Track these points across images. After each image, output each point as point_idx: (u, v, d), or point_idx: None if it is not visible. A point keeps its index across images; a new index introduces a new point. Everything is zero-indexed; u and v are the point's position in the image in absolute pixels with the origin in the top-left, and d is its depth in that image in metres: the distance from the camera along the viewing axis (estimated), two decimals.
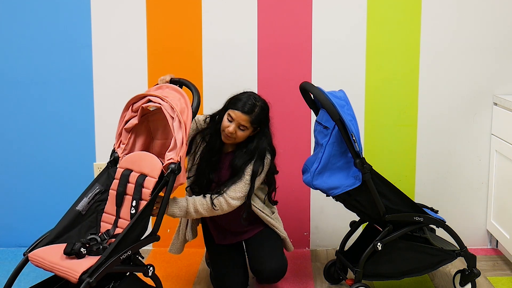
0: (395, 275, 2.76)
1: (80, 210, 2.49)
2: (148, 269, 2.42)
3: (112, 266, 2.25)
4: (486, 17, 3.24)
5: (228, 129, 2.66)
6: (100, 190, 2.55)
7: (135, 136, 2.63)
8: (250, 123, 2.66)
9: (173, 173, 2.41)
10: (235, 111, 2.65)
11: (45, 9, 3.27)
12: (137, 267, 2.40)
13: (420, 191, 3.37)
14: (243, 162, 2.69)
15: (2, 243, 3.44)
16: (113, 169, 2.59)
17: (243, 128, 2.67)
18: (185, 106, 2.50)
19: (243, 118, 2.64)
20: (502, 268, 3.17)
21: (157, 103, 2.51)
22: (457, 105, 3.31)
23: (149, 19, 3.28)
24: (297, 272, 3.13)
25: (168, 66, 3.30)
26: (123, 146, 2.61)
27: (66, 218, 2.47)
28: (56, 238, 2.42)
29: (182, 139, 2.42)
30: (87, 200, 2.51)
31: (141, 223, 2.38)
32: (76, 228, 2.47)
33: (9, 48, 3.31)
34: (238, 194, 2.67)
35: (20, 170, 3.40)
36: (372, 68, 3.29)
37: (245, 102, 2.66)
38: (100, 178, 2.59)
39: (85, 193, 2.53)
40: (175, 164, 2.41)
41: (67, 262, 2.25)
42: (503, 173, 3.18)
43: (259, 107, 2.68)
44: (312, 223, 3.42)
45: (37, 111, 3.35)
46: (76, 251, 2.27)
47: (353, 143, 2.58)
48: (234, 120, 2.65)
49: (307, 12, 3.26)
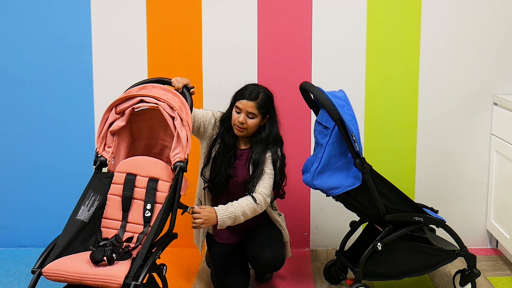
0: (395, 275, 2.76)
1: (83, 219, 2.44)
2: (163, 268, 2.45)
3: (151, 267, 2.27)
4: (486, 17, 3.24)
5: (238, 119, 2.73)
6: (95, 197, 2.50)
7: (119, 138, 2.61)
8: (257, 109, 2.73)
9: (181, 171, 2.43)
10: (241, 101, 2.74)
11: (45, 9, 3.27)
12: (154, 267, 2.40)
13: (420, 191, 3.37)
14: (261, 151, 2.75)
15: (2, 243, 3.44)
16: (103, 174, 2.56)
17: (251, 116, 2.74)
18: (181, 104, 2.51)
19: (249, 105, 2.72)
20: (502, 268, 3.17)
21: (152, 103, 2.50)
22: (457, 105, 3.31)
23: (149, 19, 3.28)
24: (297, 272, 3.13)
25: (168, 66, 3.30)
26: (110, 150, 2.57)
27: (69, 229, 2.39)
28: (64, 250, 2.34)
29: (186, 137, 2.44)
30: (86, 208, 2.46)
31: (161, 225, 2.39)
32: (79, 238, 2.41)
33: (9, 48, 3.31)
34: (269, 190, 2.73)
35: (20, 170, 3.40)
36: (372, 68, 3.29)
37: (249, 91, 2.76)
38: (92, 185, 2.53)
39: (81, 201, 2.47)
40: (183, 162, 2.43)
41: (100, 270, 2.20)
42: (503, 173, 3.18)
43: (263, 93, 2.77)
44: (312, 223, 3.42)
45: (37, 111, 3.35)
46: (109, 257, 2.22)
47: (353, 143, 2.58)
48: (242, 110, 2.73)
49: (307, 12, 3.26)
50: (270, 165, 2.75)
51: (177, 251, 3.38)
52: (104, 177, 2.56)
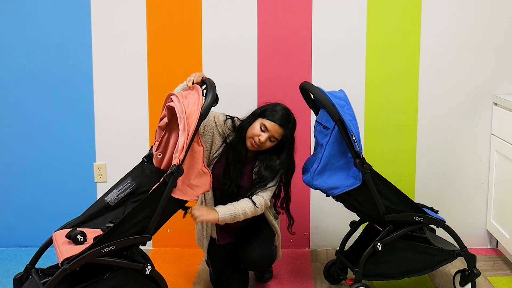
0: (395, 275, 2.76)
1: (109, 201, 2.55)
2: (145, 267, 2.41)
3: (92, 257, 2.29)
4: (486, 17, 3.24)
5: (260, 138, 2.67)
6: (131, 184, 2.58)
7: (169, 133, 2.62)
8: (282, 136, 2.69)
9: (172, 174, 2.40)
10: (271, 123, 2.67)
11: (45, 9, 3.27)
12: (132, 263, 2.40)
13: (420, 191, 3.37)
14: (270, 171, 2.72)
15: (2, 243, 3.44)
16: (148, 165, 2.63)
17: (273, 140, 2.70)
18: (196, 109, 2.45)
19: (279, 131, 2.68)
20: (502, 268, 3.17)
21: (173, 103, 2.49)
22: (457, 105, 3.31)
23: (149, 19, 3.28)
24: (297, 272, 3.13)
25: (168, 66, 3.30)
26: (157, 144, 2.62)
27: (93, 206, 2.56)
28: (81, 223, 2.50)
29: (183, 143, 2.40)
30: (117, 192, 2.57)
31: (133, 220, 2.37)
32: (102, 217, 2.53)
33: (9, 49, 3.31)
34: (270, 195, 2.73)
35: (20, 170, 3.40)
36: (372, 67, 3.29)
37: (282, 115, 2.69)
38: (133, 173, 2.62)
39: (116, 185, 2.59)
40: (175, 166, 2.40)
41: (64, 246, 2.35)
42: (503, 173, 3.18)
43: (292, 123, 2.73)
44: (312, 223, 3.42)
45: (37, 111, 3.35)
46: (73, 237, 2.35)
47: (353, 143, 2.58)
48: (268, 131, 2.67)
49: (307, 11, 3.26)
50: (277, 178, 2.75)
51: (177, 251, 3.38)
52: (148, 168, 2.62)
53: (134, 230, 2.38)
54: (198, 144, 2.51)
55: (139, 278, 2.44)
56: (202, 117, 2.44)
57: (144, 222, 2.40)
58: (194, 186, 2.49)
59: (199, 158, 2.51)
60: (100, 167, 3.37)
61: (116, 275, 2.39)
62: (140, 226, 2.39)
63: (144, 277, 2.44)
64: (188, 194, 2.48)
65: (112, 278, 2.39)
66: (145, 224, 2.40)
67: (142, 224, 2.40)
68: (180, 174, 2.41)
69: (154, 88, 3.30)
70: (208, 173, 2.53)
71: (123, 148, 3.37)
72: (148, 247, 3.43)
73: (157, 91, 3.31)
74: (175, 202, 2.48)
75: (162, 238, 3.42)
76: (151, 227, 2.42)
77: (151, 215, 2.41)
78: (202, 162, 2.51)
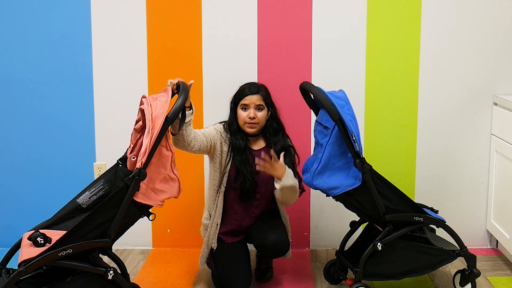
0: (395, 275, 2.76)
1: (81, 203, 2.52)
2: (107, 272, 2.36)
3: (49, 260, 2.27)
4: (486, 17, 3.24)
5: (249, 115, 2.80)
6: (103, 187, 2.54)
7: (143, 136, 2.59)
8: (263, 100, 2.83)
9: (134, 178, 2.36)
10: (245, 98, 2.82)
11: (45, 9, 3.27)
12: (93, 268, 2.36)
13: (420, 191, 3.37)
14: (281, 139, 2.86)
15: (2, 243, 3.43)
16: (122, 168, 2.56)
17: (260, 108, 2.82)
18: (163, 112, 2.41)
19: (255, 98, 2.82)
20: (502, 268, 3.17)
21: (143, 106, 2.45)
22: (457, 105, 3.31)
23: (149, 19, 3.28)
24: (297, 272, 3.13)
25: (168, 66, 3.30)
26: (131, 146, 2.58)
27: (65, 208, 2.53)
28: (53, 225, 2.48)
29: (146, 146, 2.36)
30: (89, 194, 2.53)
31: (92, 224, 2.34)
32: (73, 219, 2.48)
33: (9, 48, 3.31)
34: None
35: (20, 170, 3.40)
36: (372, 68, 3.29)
37: (249, 87, 2.85)
38: (106, 175, 2.58)
39: (89, 187, 2.56)
40: (137, 169, 2.35)
41: (25, 248, 2.34)
42: (503, 173, 3.18)
43: (262, 86, 2.88)
44: (312, 223, 3.42)
45: (37, 111, 3.35)
46: (33, 239, 2.35)
47: (353, 143, 2.58)
48: (249, 105, 2.81)
49: (307, 11, 3.26)
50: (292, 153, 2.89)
51: (177, 251, 3.38)
52: (122, 171, 2.55)
53: (94, 234, 2.34)
54: (167, 149, 2.46)
55: (103, 284, 2.39)
56: (168, 120, 2.39)
57: (105, 226, 2.36)
58: (159, 190, 2.45)
59: (166, 163, 2.46)
60: (100, 167, 3.37)
61: (77, 279, 2.36)
62: (100, 230, 2.36)
63: (107, 282, 2.39)
64: (151, 198, 2.43)
65: (73, 282, 2.35)
66: (106, 228, 2.36)
67: (103, 228, 2.36)
68: (143, 177, 2.36)
69: (154, 88, 3.30)
70: (176, 179, 2.49)
71: (123, 148, 3.33)
72: (148, 247, 3.43)
73: (157, 91, 3.27)
74: (138, 206, 2.43)
75: (162, 238, 3.42)
76: (111, 231, 2.37)
77: (111, 219, 2.37)
78: (170, 167, 2.46)
